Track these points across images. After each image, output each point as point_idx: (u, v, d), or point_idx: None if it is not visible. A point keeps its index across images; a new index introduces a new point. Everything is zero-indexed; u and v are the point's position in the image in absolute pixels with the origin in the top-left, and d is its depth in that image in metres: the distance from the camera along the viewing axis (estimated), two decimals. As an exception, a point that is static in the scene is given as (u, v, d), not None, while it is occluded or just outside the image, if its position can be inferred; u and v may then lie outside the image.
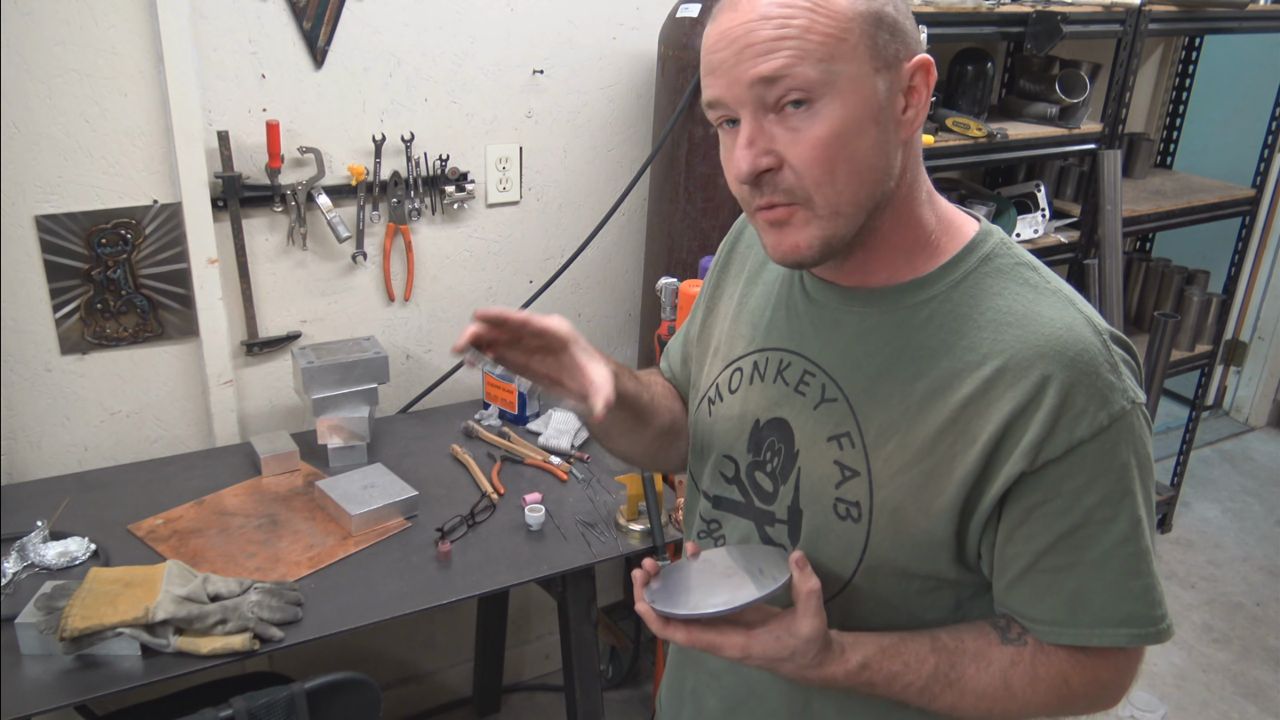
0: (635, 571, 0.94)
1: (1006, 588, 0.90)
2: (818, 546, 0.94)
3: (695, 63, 1.99)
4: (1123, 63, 2.56)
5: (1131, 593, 0.86)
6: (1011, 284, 0.90)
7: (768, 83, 0.81)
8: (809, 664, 0.88)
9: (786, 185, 0.84)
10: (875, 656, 0.90)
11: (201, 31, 1.79)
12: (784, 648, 0.87)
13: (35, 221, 1.77)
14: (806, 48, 0.80)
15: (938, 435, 0.87)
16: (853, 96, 0.82)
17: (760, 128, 0.83)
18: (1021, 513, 0.86)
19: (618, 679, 2.58)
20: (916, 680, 0.90)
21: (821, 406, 0.94)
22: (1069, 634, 0.88)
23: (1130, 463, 0.85)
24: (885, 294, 0.92)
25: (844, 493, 0.92)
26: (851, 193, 0.84)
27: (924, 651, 0.90)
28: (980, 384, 0.86)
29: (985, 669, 0.90)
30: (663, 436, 1.14)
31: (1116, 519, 0.85)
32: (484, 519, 1.81)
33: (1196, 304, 3.18)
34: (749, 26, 0.81)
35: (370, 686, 1.51)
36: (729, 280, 1.11)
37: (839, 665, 0.89)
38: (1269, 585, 3.14)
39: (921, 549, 0.89)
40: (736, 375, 1.04)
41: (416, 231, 2.13)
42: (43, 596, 1.45)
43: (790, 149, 0.83)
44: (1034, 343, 0.85)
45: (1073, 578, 0.86)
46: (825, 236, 0.85)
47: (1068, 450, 0.83)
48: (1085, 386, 0.83)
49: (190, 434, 2.04)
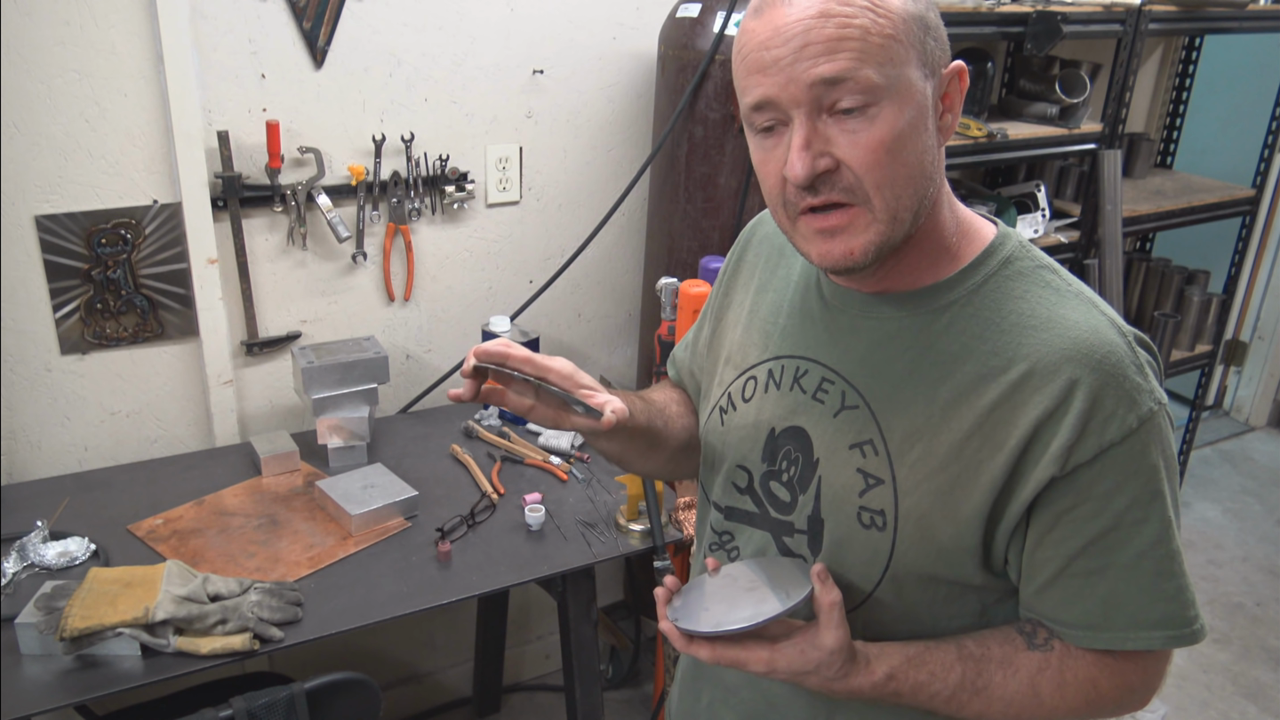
0: (658, 590, 0.93)
1: (1037, 593, 0.89)
2: (841, 556, 0.93)
3: (695, 62, 1.99)
4: (1123, 63, 2.56)
5: (1164, 594, 0.86)
6: (1033, 287, 0.89)
7: (829, 84, 0.79)
8: (834, 676, 0.88)
9: (846, 185, 0.82)
10: (901, 667, 0.89)
11: (201, 31, 1.79)
12: (808, 660, 0.87)
13: (35, 221, 1.77)
14: (868, 49, 0.78)
15: (964, 440, 0.86)
16: (908, 100, 0.81)
17: (816, 130, 0.81)
18: (1052, 517, 0.86)
19: (618, 679, 2.58)
20: (944, 690, 0.89)
21: (842, 414, 0.93)
22: (1103, 638, 0.87)
23: (1159, 464, 0.85)
24: (905, 299, 0.91)
25: (868, 501, 0.90)
26: (909, 196, 0.84)
27: (950, 660, 0.90)
28: (1007, 388, 0.85)
29: (1012, 676, 0.89)
30: (680, 453, 1.13)
31: (1147, 521, 0.84)
32: (484, 519, 1.81)
33: (1196, 304, 3.18)
34: (808, 24, 0.78)
35: (370, 686, 1.51)
36: (738, 288, 1.10)
37: (865, 677, 0.89)
38: (1269, 585, 3.14)
39: (948, 555, 0.89)
40: (750, 384, 1.02)
41: (416, 231, 2.13)
42: (43, 596, 1.45)
43: (849, 152, 0.81)
44: (1060, 346, 0.84)
45: (1105, 581, 0.86)
46: (880, 242, 0.84)
47: (1098, 454, 0.83)
48: (1114, 389, 0.83)
49: (190, 434, 2.04)
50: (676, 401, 1.16)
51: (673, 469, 1.15)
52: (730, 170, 2.06)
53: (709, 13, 1.99)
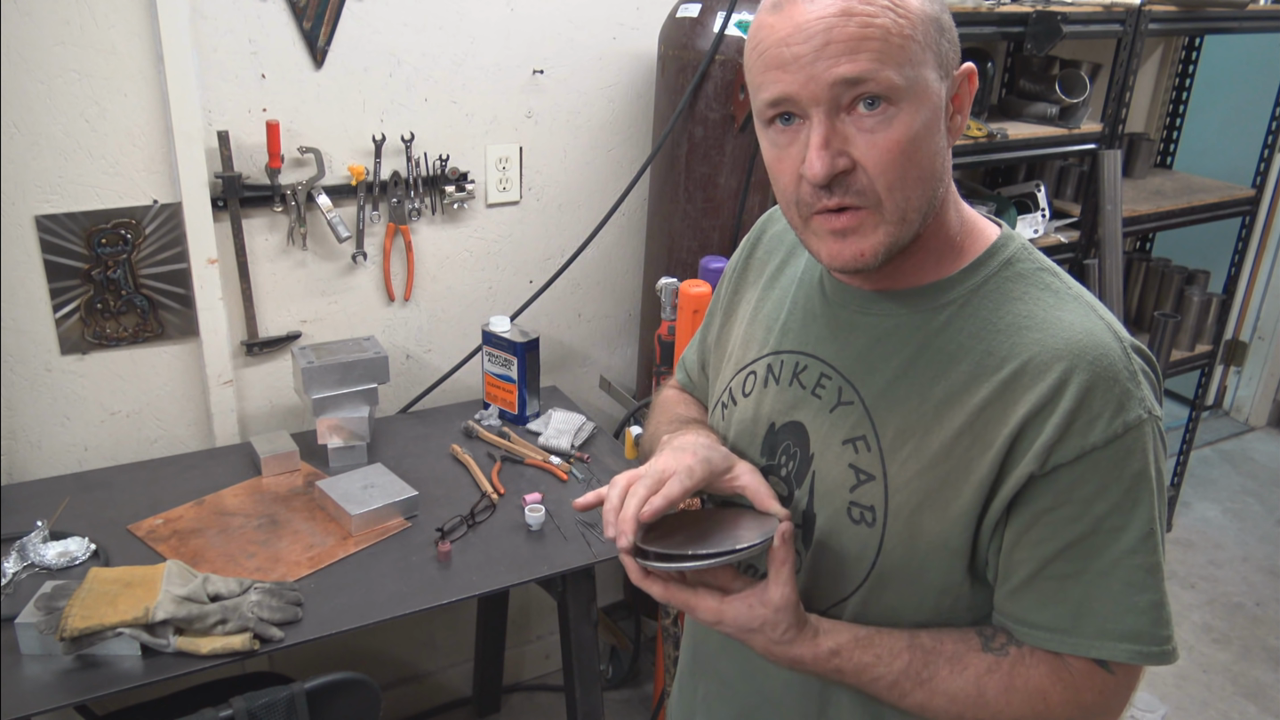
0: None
1: (1010, 594, 0.88)
2: (830, 550, 0.93)
3: (695, 62, 1.99)
4: (1123, 63, 2.56)
5: (1136, 607, 0.84)
6: (1033, 289, 0.89)
7: (850, 84, 0.79)
8: (779, 639, 0.88)
9: (859, 188, 0.82)
10: (848, 644, 0.90)
11: (201, 31, 1.79)
12: (755, 616, 0.88)
13: (35, 221, 1.77)
14: (889, 50, 0.78)
15: (955, 439, 0.86)
16: (925, 101, 0.81)
17: (834, 128, 0.81)
18: (1030, 517, 0.85)
19: (618, 679, 2.58)
20: (887, 674, 0.89)
21: (838, 409, 0.93)
22: (1069, 643, 0.86)
23: (1142, 474, 0.83)
24: (906, 296, 0.91)
25: (859, 496, 0.91)
26: (918, 198, 0.84)
27: (899, 647, 0.89)
28: (998, 386, 0.85)
29: (960, 673, 0.88)
30: None
31: (1126, 529, 0.84)
32: (484, 519, 1.81)
33: (1196, 304, 3.18)
34: (830, 22, 0.78)
35: (370, 686, 1.51)
36: (747, 285, 1.10)
37: (808, 647, 0.89)
38: (1269, 585, 3.14)
39: (935, 554, 0.88)
40: (750, 379, 1.03)
41: (416, 231, 2.13)
42: (43, 596, 1.45)
43: (866, 152, 0.81)
44: (1053, 345, 0.84)
45: (1078, 587, 0.85)
46: (890, 242, 0.84)
47: (1080, 455, 0.82)
48: (1102, 391, 0.82)
49: (190, 434, 2.04)
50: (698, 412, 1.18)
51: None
52: (730, 170, 2.06)
53: (709, 13, 1.99)
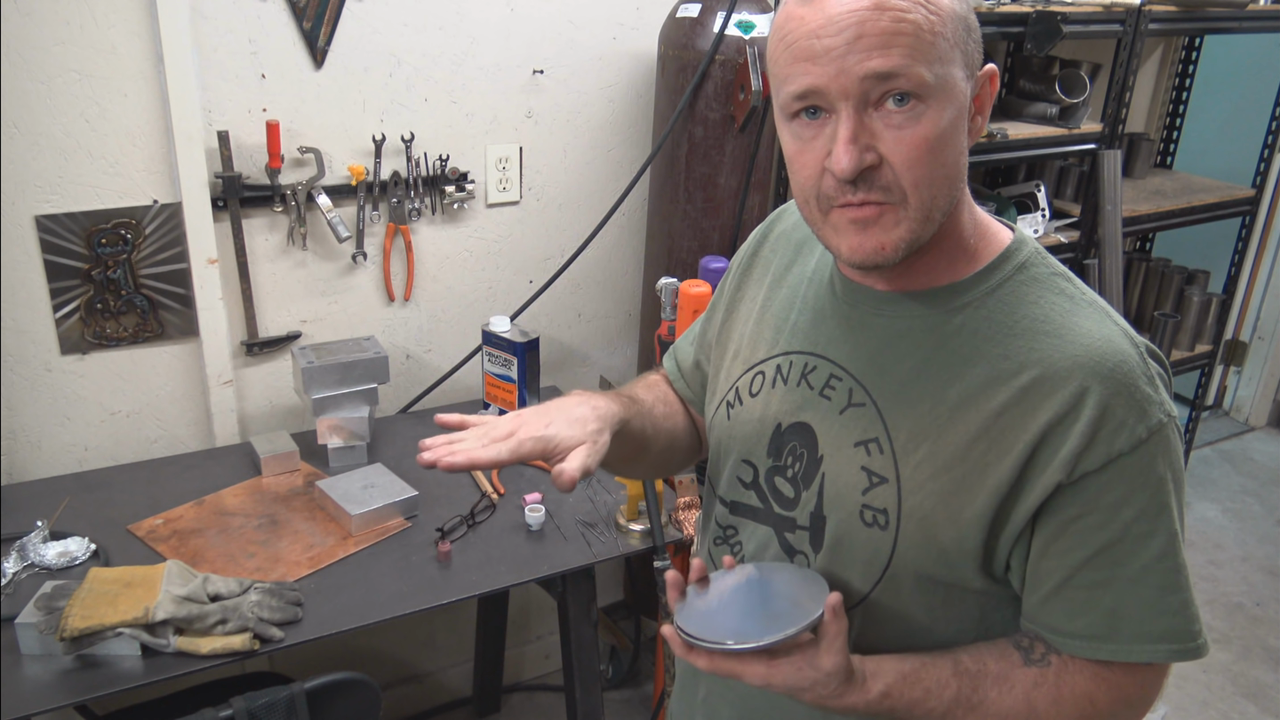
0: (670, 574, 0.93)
1: (1040, 603, 0.88)
2: (842, 553, 0.93)
3: (695, 62, 1.99)
4: (1123, 63, 2.56)
5: (1169, 608, 0.85)
6: (1047, 293, 0.89)
7: (881, 79, 0.78)
8: (830, 695, 0.88)
9: (884, 183, 0.82)
10: (896, 684, 0.89)
11: (201, 31, 1.79)
12: (804, 678, 0.87)
13: (35, 221, 1.77)
14: (920, 46, 0.78)
15: (971, 442, 0.86)
16: (951, 100, 0.81)
17: (862, 123, 0.80)
18: (1057, 526, 0.85)
19: (618, 679, 2.58)
20: (939, 706, 0.89)
21: (848, 411, 0.93)
22: (1107, 649, 0.86)
23: (1166, 477, 0.84)
24: (920, 297, 0.91)
25: (871, 499, 0.90)
26: (942, 196, 0.84)
27: (945, 676, 0.89)
28: (1016, 392, 0.85)
29: (1008, 692, 0.89)
30: (660, 455, 1.13)
31: (1154, 534, 0.84)
32: (484, 519, 1.81)
33: (1196, 304, 3.18)
34: (863, 15, 0.77)
35: (370, 686, 1.51)
36: (752, 283, 1.10)
37: (860, 695, 0.89)
38: (1269, 585, 3.14)
39: (949, 557, 0.88)
40: (758, 379, 1.02)
41: (416, 231, 2.12)
42: (43, 596, 1.45)
43: (894, 148, 0.80)
44: (1072, 354, 0.84)
45: (1110, 593, 0.85)
46: (911, 239, 0.84)
47: (1106, 463, 0.82)
48: (1124, 399, 0.82)
49: (190, 434, 2.04)
50: (663, 402, 1.16)
51: (652, 472, 1.15)
52: (730, 170, 2.06)
53: (709, 13, 1.99)
